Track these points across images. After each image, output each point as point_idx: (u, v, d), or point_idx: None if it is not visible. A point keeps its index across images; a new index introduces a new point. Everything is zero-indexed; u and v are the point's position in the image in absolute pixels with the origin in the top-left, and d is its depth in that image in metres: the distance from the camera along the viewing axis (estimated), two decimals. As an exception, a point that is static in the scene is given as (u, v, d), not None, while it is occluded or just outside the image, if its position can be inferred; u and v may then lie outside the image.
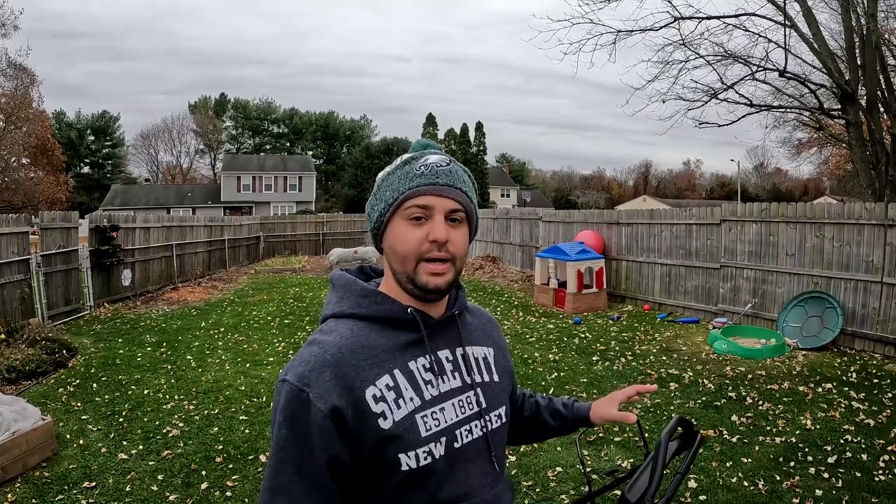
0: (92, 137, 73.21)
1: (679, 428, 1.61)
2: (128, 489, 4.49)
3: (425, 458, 1.16)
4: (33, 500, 4.35)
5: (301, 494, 1.09)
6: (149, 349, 8.89)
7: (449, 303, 1.35)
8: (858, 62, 10.92)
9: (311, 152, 78.75)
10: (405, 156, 1.27)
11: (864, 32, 10.55)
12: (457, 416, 1.24)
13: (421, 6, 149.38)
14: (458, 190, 1.22)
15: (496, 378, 1.38)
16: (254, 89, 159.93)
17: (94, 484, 4.59)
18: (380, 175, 1.29)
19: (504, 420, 1.36)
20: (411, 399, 1.18)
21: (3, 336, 8.20)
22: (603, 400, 1.61)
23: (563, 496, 4.17)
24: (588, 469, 4.56)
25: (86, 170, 73.30)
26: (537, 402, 1.66)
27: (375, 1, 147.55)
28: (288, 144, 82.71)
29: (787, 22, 10.77)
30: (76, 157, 69.42)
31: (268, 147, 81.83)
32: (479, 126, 56.07)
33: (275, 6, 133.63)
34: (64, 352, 8.23)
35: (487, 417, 1.30)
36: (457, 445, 1.22)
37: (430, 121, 56.13)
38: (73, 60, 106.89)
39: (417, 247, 1.18)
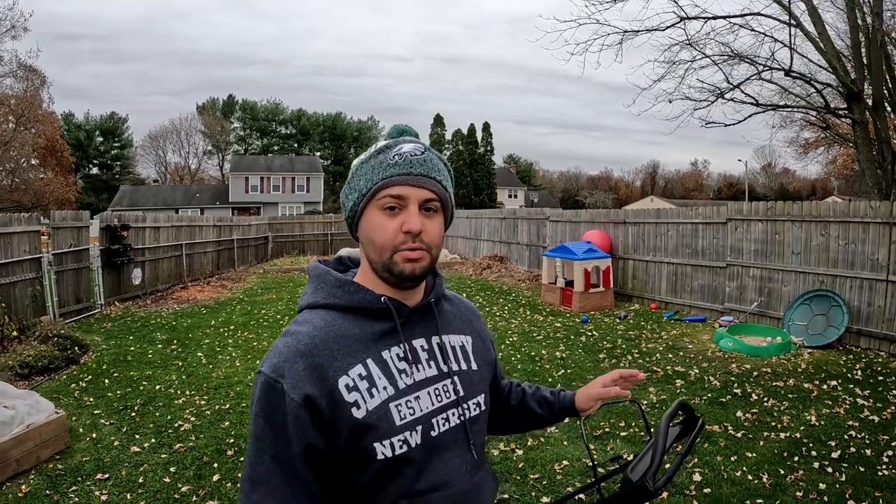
0: (100, 139, 73.64)
1: (680, 413, 1.66)
2: (140, 481, 4.57)
3: (401, 447, 1.16)
4: (47, 491, 4.41)
5: (279, 484, 1.09)
6: (159, 346, 8.99)
7: (426, 291, 1.35)
8: (864, 61, 10.94)
9: (318, 153, 78.98)
10: (379, 144, 1.26)
11: (870, 31, 10.56)
12: (433, 404, 1.24)
13: (422, 6, 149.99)
14: (433, 179, 1.21)
15: (474, 366, 1.38)
16: (260, 90, 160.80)
17: (107, 476, 4.66)
18: (354, 163, 1.28)
19: (483, 408, 1.37)
20: (385, 388, 1.18)
21: (15, 333, 8.31)
22: (589, 384, 1.61)
23: (568, 489, 4.23)
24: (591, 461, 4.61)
25: (94, 171, 73.75)
26: (524, 391, 1.66)
27: (378, 1, 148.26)
28: (295, 145, 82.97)
29: (792, 21, 10.80)
30: (84, 158, 69.86)
31: (275, 148, 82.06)
32: (486, 126, 56.06)
33: (280, 7, 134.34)
34: (76, 348, 8.32)
35: (465, 405, 1.31)
36: (433, 434, 1.22)
37: (438, 121, 56.13)
38: (75, 62, 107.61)
39: (392, 237, 1.18)
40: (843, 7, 11.15)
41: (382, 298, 1.23)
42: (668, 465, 1.54)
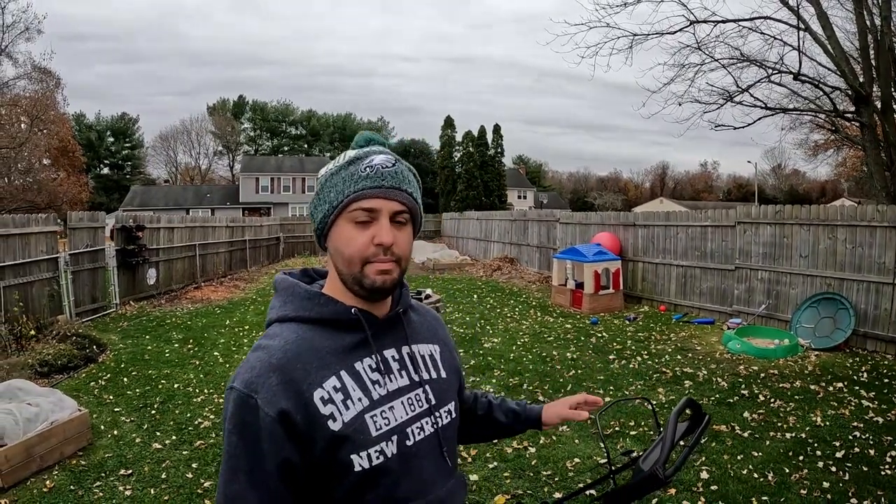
0: (111, 139, 74.15)
1: (688, 409, 1.77)
2: (163, 476, 4.71)
3: (378, 458, 1.17)
4: (71, 487, 4.54)
5: (254, 501, 1.09)
6: (176, 345, 9.15)
7: (393, 301, 1.35)
8: (873, 63, 10.97)
9: (328, 154, 79.07)
10: (350, 154, 1.25)
11: (879, 34, 10.61)
12: (406, 414, 1.25)
13: (430, 5, 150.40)
14: (404, 192, 1.22)
15: (443, 374, 1.40)
16: (270, 91, 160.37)
17: (130, 472, 4.80)
18: (322, 172, 1.27)
19: (454, 416, 1.39)
20: (359, 399, 1.18)
21: (32, 332, 8.46)
22: (556, 402, 1.67)
23: (580, 484, 4.35)
24: (606, 454, 4.73)
25: (105, 171, 74.24)
26: (490, 402, 1.69)
27: (386, 1, 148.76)
28: (306, 146, 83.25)
29: (801, 25, 10.86)
30: (96, 159, 70.35)
31: (286, 148, 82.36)
32: (496, 128, 55.84)
33: (289, 7, 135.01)
34: (94, 347, 8.47)
35: (437, 414, 1.32)
36: (409, 443, 1.23)
37: (449, 123, 55.89)
38: (84, 62, 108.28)
39: (364, 250, 1.18)
40: (852, 10, 11.19)
41: (353, 310, 1.24)
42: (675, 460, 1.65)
